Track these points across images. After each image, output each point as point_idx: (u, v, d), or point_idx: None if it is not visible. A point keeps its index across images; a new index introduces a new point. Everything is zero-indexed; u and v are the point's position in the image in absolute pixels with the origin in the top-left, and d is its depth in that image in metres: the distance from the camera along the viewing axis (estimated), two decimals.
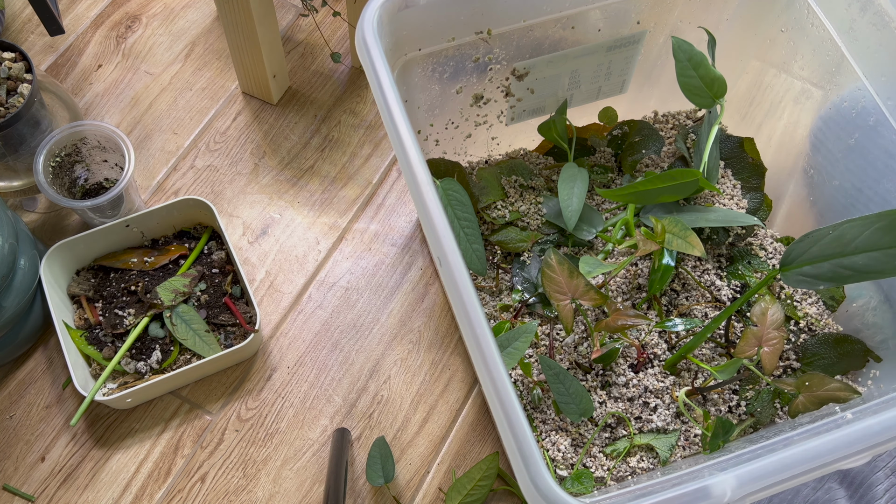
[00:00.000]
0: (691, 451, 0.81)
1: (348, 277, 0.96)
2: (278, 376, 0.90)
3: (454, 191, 0.83)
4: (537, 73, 0.86)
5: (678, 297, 0.88)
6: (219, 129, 1.04)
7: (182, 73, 1.08)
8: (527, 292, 0.88)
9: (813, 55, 0.84)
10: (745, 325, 0.87)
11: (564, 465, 0.80)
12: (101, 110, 1.04)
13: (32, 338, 0.89)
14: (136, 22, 1.11)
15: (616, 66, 0.89)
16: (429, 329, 0.94)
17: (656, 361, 0.84)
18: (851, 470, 0.79)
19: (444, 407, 0.90)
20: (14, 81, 0.87)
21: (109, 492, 0.84)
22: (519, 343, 0.76)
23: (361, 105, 1.07)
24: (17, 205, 0.98)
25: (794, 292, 0.89)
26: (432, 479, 0.86)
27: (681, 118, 1.00)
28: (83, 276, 0.90)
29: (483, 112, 0.89)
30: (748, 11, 0.88)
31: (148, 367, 0.85)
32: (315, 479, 0.86)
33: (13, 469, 0.84)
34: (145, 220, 0.90)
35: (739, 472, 0.56)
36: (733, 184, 0.94)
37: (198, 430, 0.87)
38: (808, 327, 0.87)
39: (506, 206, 0.90)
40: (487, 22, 0.78)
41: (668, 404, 0.82)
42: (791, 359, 0.85)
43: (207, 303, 0.88)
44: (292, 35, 1.12)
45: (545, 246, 0.89)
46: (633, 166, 0.93)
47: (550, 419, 0.82)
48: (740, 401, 0.83)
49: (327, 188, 1.01)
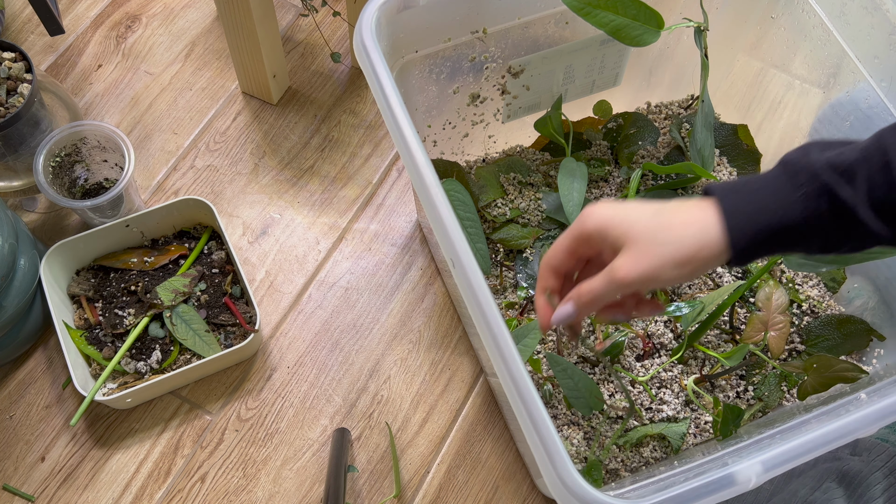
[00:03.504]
0: (702, 438, 0.82)
1: (348, 277, 0.96)
2: (278, 376, 0.90)
3: (456, 191, 0.83)
4: (532, 70, 0.86)
5: (680, 285, 0.88)
6: (219, 129, 1.04)
7: (182, 73, 1.08)
8: (531, 289, 0.88)
9: (804, 42, 0.84)
10: (748, 310, 0.87)
11: (578, 459, 0.80)
12: (101, 110, 1.05)
13: (32, 338, 0.89)
14: (136, 22, 1.11)
15: (609, 60, 0.90)
16: (429, 329, 0.94)
17: (663, 351, 0.85)
18: (850, 470, 0.79)
19: (444, 407, 0.90)
20: (14, 81, 0.87)
21: (109, 492, 0.84)
22: (529, 340, 0.77)
23: (361, 105, 1.07)
24: (17, 205, 0.98)
25: (795, 276, 0.90)
26: (432, 479, 0.86)
27: (673, 108, 1.00)
28: (83, 276, 0.90)
29: (480, 111, 0.90)
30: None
31: (148, 367, 0.86)
32: (315, 479, 0.86)
33: (13, 469, 0.84)
34: (145, 220, 0.90)
35: (764, 458, 0.57)
36: (729, 171, 0.95)
37: (198, 430, 0.87)
38: (810, 310, 0.88)
39: (505, 203, 0.91)
40: (483, 21, 0.78)
41: (678, 393, 0.83)
42: (796, 342, 0.86)
43: (207, 303, 0.89)
44: (292, 35, 1.12)
45: (547, 242, 0.89)
46: (629, 158, 0.94)
47: (562, 414, 0.82)
48: (748, 386, 0.84)
49: (327, 188, 1.01)
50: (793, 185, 0.51)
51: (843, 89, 0.82)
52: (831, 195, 0.49)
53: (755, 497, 0.82)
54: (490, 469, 0.87)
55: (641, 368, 0.84)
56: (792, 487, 0.81)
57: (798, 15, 0.84)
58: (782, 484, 0.82)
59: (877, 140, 0.50)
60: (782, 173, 0.52)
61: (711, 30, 0.84)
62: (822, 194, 0.50)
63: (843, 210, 0.49)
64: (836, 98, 0.84)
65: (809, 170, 0.50)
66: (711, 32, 0.84)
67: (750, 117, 0.96)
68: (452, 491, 0.86)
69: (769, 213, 0.51)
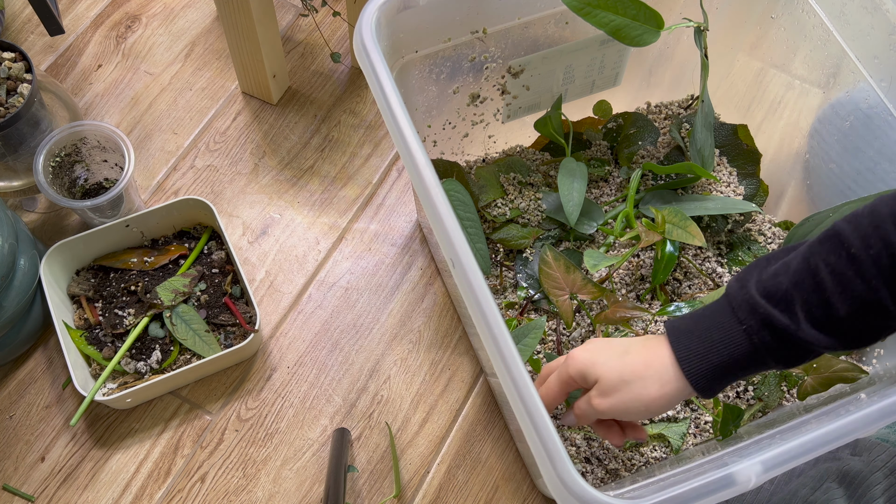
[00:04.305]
0: (702, 438, 0.82)
1: (348, 277, 0.96)
2: (278, 376, 0.90)
3: (456, 191, 0.83)
4: (532, 70, 0.86)
5: (681, 285, 0.89)
6: (219, 129, 1.04)
7: (182, 73, 1.08)
8: (531, 289, 0.88)
9: (804, 42, 0.84)
10: None
11: (579, 459, 0.80)
12: (101, 110, 1.05)
13: (32, 338, 0.89)
14: (136, 22, 1.11)
15: (609, 60, 0.90)
16: (429, 329, 0.94)
17: None
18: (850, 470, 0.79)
19: (444, 407, 0.90)
20: (14, 81, 0.87)
21: (109, 492, 0.84)
22: (529, 339, 0.77)
23: (361, 105, 1.07)
24: (17, 205, 0.98)
25: None
26: (432, 479, 0.86)
27: (673, 108, 1.00)
28: (83, 276, 0.90)
29: (479, 111, 0.90)
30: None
31: (148, 367, 0.86)
32: (315, 479, 0.86)
33: (13, 469, 0.84)
34: (145, 220, 0.90)
35: (764, 458, 0.57)
36: (729, 171, 0.95)
37: (198, 430, 0.87)
38: None
39: (505, 203, 0.91)
40: (483, 21, 0.78)
41: None
42: None
43: (207, 303, 0.89)
44: (292, 35, 1.12)
45: (547, 241, 0.89)
46: (629, 158, 0.94)
47: (562, 414, 0.82)
48: (748, 386, 0.84)
49: (327, 188, 1.01)
50: (736, 320, 0.55)
51: (843, 89, 0.82)
52: (771, 327, 0.54)
53: (755, 497, 0.82)
54: (490, 469, 0.87)
55: None
56: (792, 487, 0.81)
57: (798, 15, 0.84)
58: (782, 484, 0.82)
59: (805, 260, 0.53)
60: (727, 307, 0.56)
61: (711, 30, 0.84)
62: (764, 327, 0.54)
63: (786, 336, 0.53)
64: (836, 98, 0.84)
65: (749, 303, 0.55)
66: (711, 32, 0.84)
67: (750, 117, 0.96)
68: (452, 491, 0.86)
69: (718, 352, 0.56)
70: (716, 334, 0.56)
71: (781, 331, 0.53)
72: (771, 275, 0.55)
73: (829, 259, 0.52)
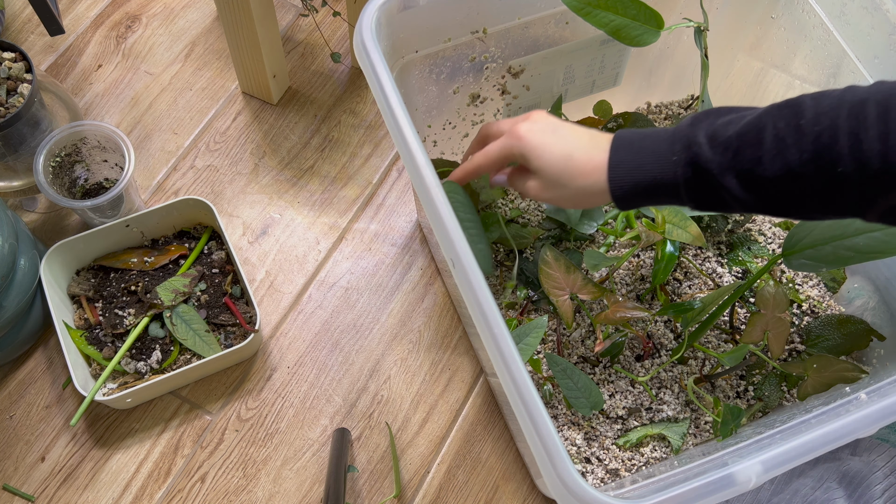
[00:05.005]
0: (703, 438, 0.82)
1: (348, 277, 0.96)
2: (278, 376, 0.90)
3: (456, 192, 0.83)
4: (532, 70, 0.86)
5: (681, 286, 0.89)
6: (219, 129, 1.04)
7: (182, 73, 1.08)
8: (531, 289, 0.88)
9: (804, 42, 0.84)
10: (748, 310, 0.87)
11: (579, 459, 0.80)
12: (101, 110, 1.05)
13: (32, 338, 0.89)
14: (136, 22, 1.11)
15: (609, 60, 0.90)
16: (429, 329, 0.94)
17: (663, 351, 0.85)
18: (850, 470, 0.79)
19: (445, 407, 0.90)
20: (14, 81, 0.87)
21: (109, 492, 0.84)
22: (530, 339, 0.76)
23: (361, 105, 1.07)
24: (17, 205, 0.98)
25: (795, 275, 0.90)
26: (432, 479, 0.86)
27: (673, 108, 1.00)
28: (83, 276, 0.90)
29: (480, 111, 0.89)
30: None
31: (148, 367, 0.86)
32: (315, 479, 0.86)
33: (13, 469, 0.84)
34: (145, 220, 0.90)
35: (764, 458, 0.57)
36: None
37: (198, 430, 0.87)
38: (810, 310, 0.88)
39: (506, 203, 0.90)
40: (483, 21, 0.78)
41: (678, 393, 0.83)
42: (796, 341, 0.86)
43: (207, 303, 0.89)
44: (292, 35, 1.12)
45: (547, 241, 0.89)
46: None
47: (562, 414, 0.82)
48: (748, 386, 0.84)
49: (327, 188, 1.01)
50: (671, 150, 0.58)
51: (840, 83, 0.82)
52: (696, 165, 0.56)
53: (755, 497, 0.82)
54: (490, 469, 0.87)
55: (641, 368, 0.84)
56: (792, 487, 0.81)
57: (798, 15, 0.84)
58: (783, 484, 0.82)
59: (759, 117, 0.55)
60: (670, 137, 0.59)
61: (711, 30, 0.84)
62: (689, 163, 0.57)
63: (708, 177, 0.56)
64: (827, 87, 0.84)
65: (689, 139, 0.57)
66: (711, 32, 0.84)
67: None
68: (452, 491, 0.86)
69: (645, 172, 0.59)
70: (649, 157, 0.59)
71: (706, 171, 0.55)
72: (724, 123, 0.57)
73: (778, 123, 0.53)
